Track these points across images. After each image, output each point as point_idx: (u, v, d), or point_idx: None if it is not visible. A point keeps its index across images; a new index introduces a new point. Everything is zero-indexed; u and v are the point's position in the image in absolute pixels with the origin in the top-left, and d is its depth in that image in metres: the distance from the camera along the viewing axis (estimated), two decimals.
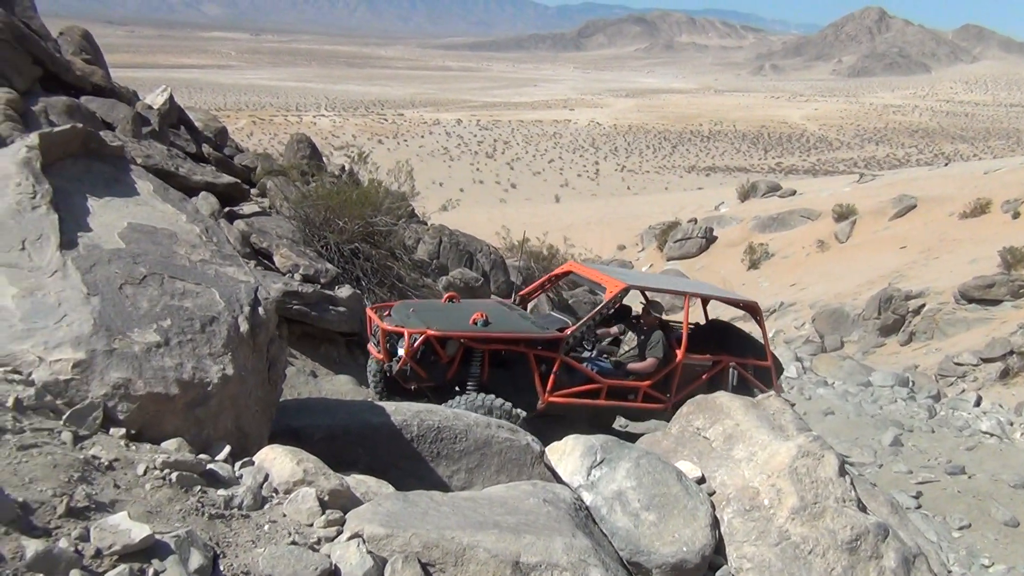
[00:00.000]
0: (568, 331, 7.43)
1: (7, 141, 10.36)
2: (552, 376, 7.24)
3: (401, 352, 6.95)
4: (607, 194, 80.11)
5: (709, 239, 37.23)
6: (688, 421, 4.99)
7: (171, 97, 15.37)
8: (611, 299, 7.65)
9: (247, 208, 12.00)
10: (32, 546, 2.24)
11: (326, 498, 3.11)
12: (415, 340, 6.91)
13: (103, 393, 3.09)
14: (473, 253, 15.69)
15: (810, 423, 9.30)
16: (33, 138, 3.84)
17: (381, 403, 5.06)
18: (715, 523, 4.17)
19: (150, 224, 3.93)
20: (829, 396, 13.86)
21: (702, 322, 9.85)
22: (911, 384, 15.59)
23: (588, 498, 4.15)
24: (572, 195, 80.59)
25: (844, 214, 34.84)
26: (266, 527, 2.90)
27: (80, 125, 4.21)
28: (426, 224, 16.96)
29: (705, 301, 9.43)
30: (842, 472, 4.42)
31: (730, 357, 8.30)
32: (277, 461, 3.26)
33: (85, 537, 2.42)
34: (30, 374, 3.09)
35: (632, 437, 5.93)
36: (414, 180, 14.78)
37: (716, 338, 8.99)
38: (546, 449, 4.66)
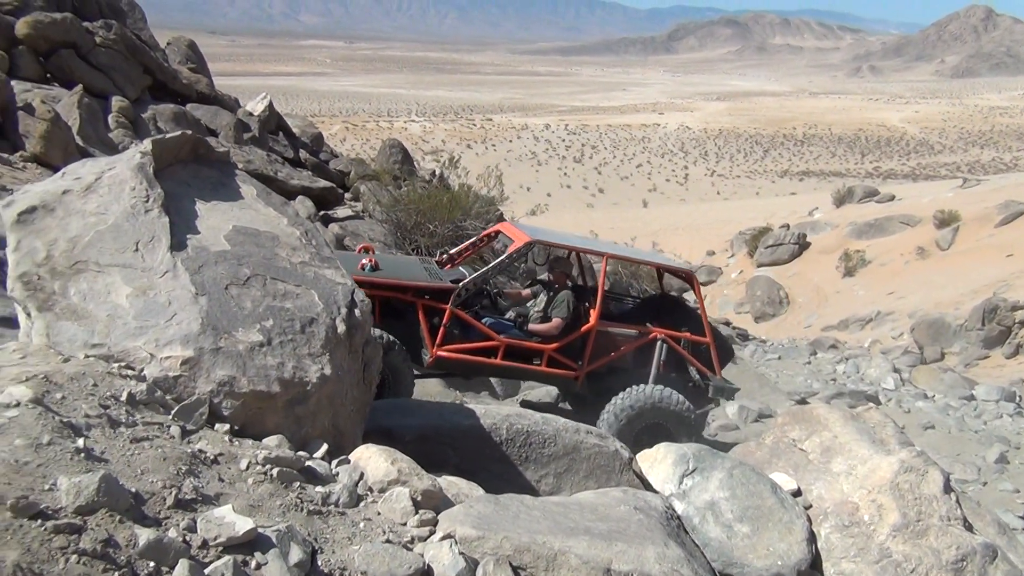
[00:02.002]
0: (463, 282, 6.99)
1: (119, 146, 10.90)
2: (442, 329, 6.83)
3: None
4: (696, 199, 79.00)
5: (802, 245, 36.27)
6: (783, 432, 4.86)
7: (270, 104, 15.88)
8: (511, 252, 7.17)
9: (341, 212, 12.30)
10: (144, 535, 2.34)
11: (419, 498, 3.15)
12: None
13: (209, 390, 3.21)
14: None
15: (909, 437, 8.96)
16: (147, 144, 4.01)
17: (471, 406, 5.11)
18: (812, 538, 4.06)
19: (253, 227, 4.06)
20: (929, 409, 13.32)
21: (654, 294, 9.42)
22: (1018, 399, 14.84)
23: (680, 507, 4.09)
24: (660, 200, 79.74)
25: (946, 220, 33.44)
26: (361, 525, 2.96)
27: (190, 132, 4.39)
28: None
29: (648, 267, 8.90)
30: (947, 489, 4.24)
31: (661, 330, 7.52)
32: (372, 460, 3.32)
33: (192, 528, 2.52)
34: (142, 370, 3.24)
35: (724, 447, 5.82)
36: (503, 185, 14.89)
37: (654, 310, 8.26)
38: (636, 456, 4.62)
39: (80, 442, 2.64)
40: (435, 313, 6.91)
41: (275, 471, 2.98)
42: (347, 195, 14.43)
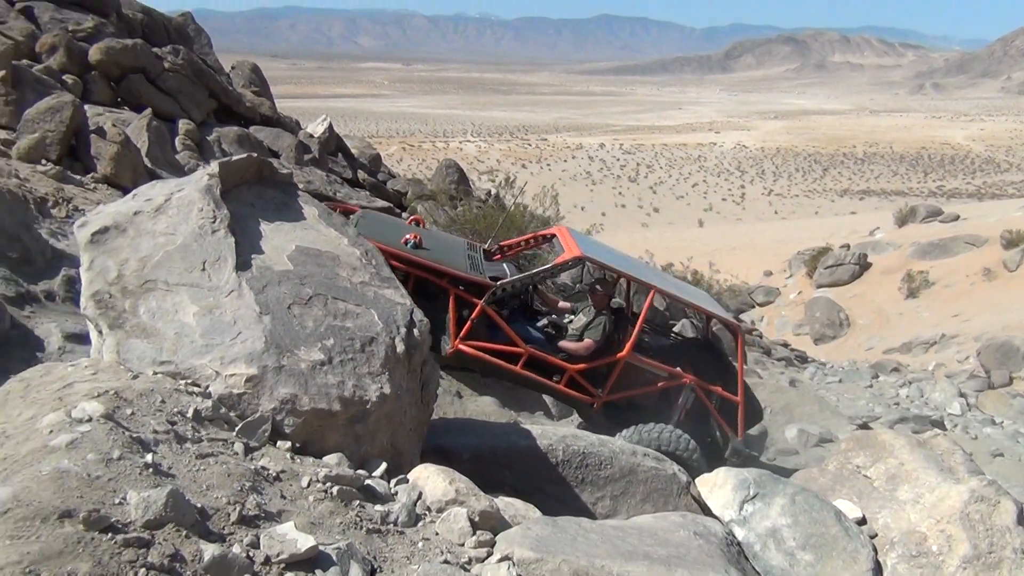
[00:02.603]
0: (500, 281, 6.81)
1: (185, 168, 11.20)
2: (469, 323, 6.65)
3: None
4: (753, 219, 78.01)
5: (863, 266, 35.50)
6: (847, 458, 4.75)
7: (330, 126, 16.17)
8: (556, 264, 7.00)
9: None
10: (209, 550, 2.39)
11: (477, 519, 3.16)
12: None
13: (272, 407, 3.26)
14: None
15: (978, 465, 8.67)
16: (214, 167, 4.12)
17: (526, 426, 5.10)
18: (878, 567, 3.95)
19: (315, 247, 4.13)
20: (997, 436, 12.89)
21: (697, 336, 9.08)
22: None
23: (740, 533, 4.02)
24: (716, 219, 78.94)
25: (1014, 241, 32.43)
26: (420, 544, 2.97)
27: (255, 154, 4.49)
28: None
29: (697, 310, 8.22)
30: (1021, 520, 4.10)
31: (694, 378, 7.20)
32: (430, 480, 3.34)
33: (255, 544, 2.55)
34: (207, 387, 3.31)
35: (783, 472, 5.71)
36: (558, 204, 14.92)
37: (693, 354, 7.91)
38: (695, 480, 4.56)
39: (148, 457, 2.70)
40: (466, 305, 6.77)
41: (335, 489, 3.01)
42: (404, 215, 14.60)
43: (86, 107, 10.78)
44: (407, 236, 6.84)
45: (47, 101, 9.52)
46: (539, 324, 7.51)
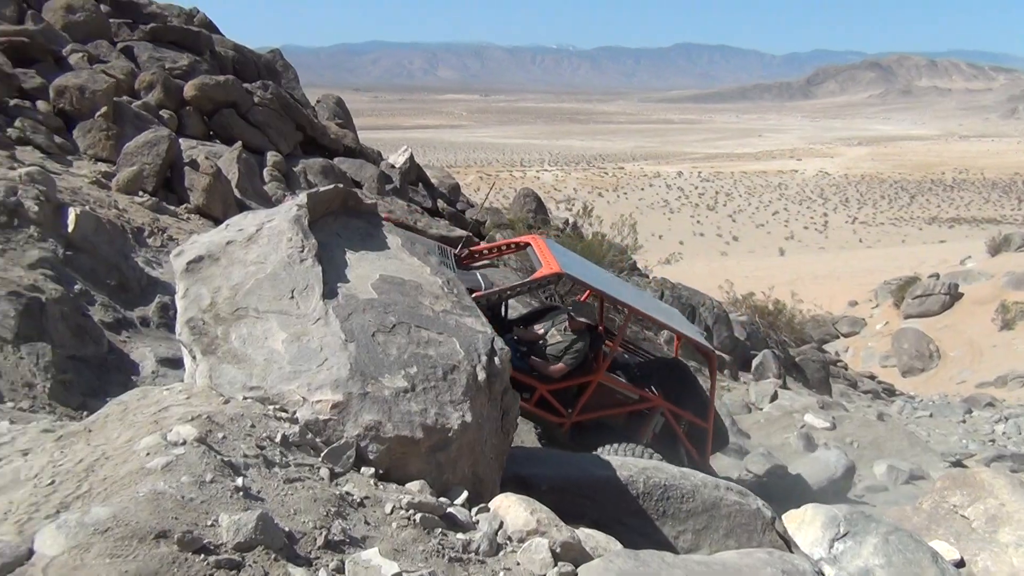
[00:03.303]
0: (475, 294, 6.34)
1: (272, 199, 11.56)
2: None
3: None
4: (836, 247, 76.06)
5: (953, 296, 34.18)
6: (942, 496, 4.56)
7: (411, 156, 16.46)
8: (532, 279, 6.66)
9: (479, 262, 12.51)
10: (297, 574, 2.43)
11: (558, 550, 3.13)
12: None
13: (356, 434, 3.31)
14: (696, 307, 15.41)
15: None
16: (302, 198, 4.24)
17: (607, 457, 5.05)
18: None
19: (399, 276, 4.20)
20: None
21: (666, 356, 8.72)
22: None
23: (829, 572, 3.89)
24: (798, 248, 77.26)
25: None
26: (501, 574, 2.96)
27: (341, 185, 4.61)
28: (648, 277, 16.90)
29: (671, 332, 7.92)
30: None
31: (664, 403, 6.98)
32: (511, 509, 3.33)
33: (341, 569, 2.59)
34: (295, 413, 3.38)
35: (872, 509, 5.50)
36: (636, 233, 14.84)
37: (662, 377, 7.59)
38: (781, 516, 4.43)
39: (239, 481, 2.77)
40: None
41: (418, 516, 3.03)
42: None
43: (180, 140, 11.25)
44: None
45: (145, 135, 9.97)
46: (508, 336, 7.17)
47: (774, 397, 12.81)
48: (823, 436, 11.19)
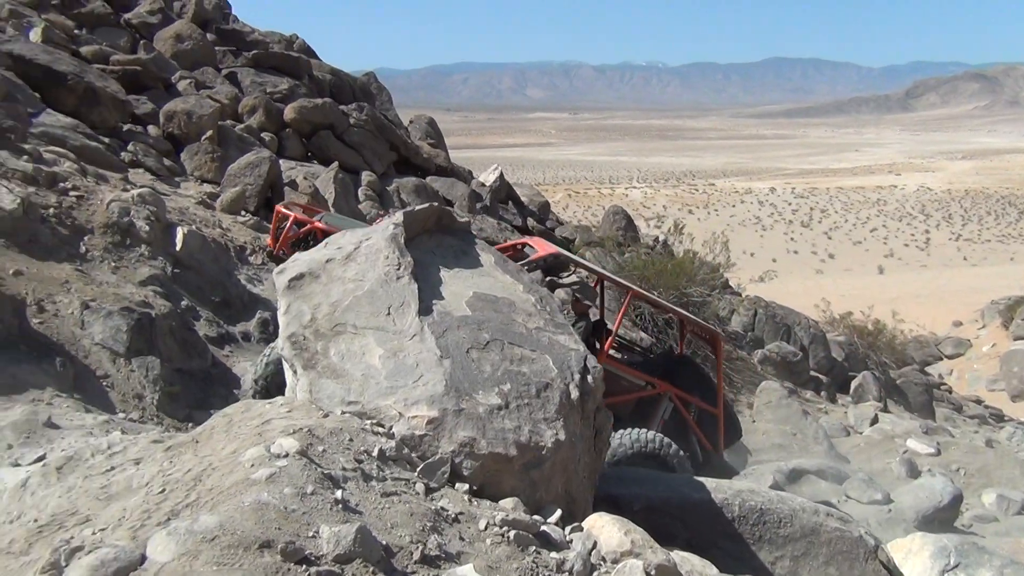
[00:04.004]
0: None
1: (367, 217, 11.83)
2: None
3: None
4: (939, 265, 73.00)
5: None
6: None
7: (501, 175, 16.61)
8: (528, 261, 6.78)
9: (567, 278, 12.52)
10: None
11: (652, 572, 3.08)
12: (297, 228, 6.60)
13: (451, 450, 3.35)
14: (791, 326, 15.03)
15: None
16: (398, 216, 4.33)
17: (700, 479, 4.96)
18: None
19: (492, 293, 4.24)
20: None
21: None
22: None
23: None
24: (898, 266, 74.47)
25: None
26: None
27: (436, 204, 4.69)
28: (740, 295, 16.58)
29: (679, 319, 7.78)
30: None
31: (668, 386, 6.88)
32: (605, 529, 3.29)
33: None
34: (391, 427, 3.44)
35: (983, 540, 5.23)
36: (729, 251, 14.60)
37: (671, 367, 7.49)
38: (886, 545, 4.26)
39: (338, 493, 2.83)
40: None
41: (512, 533, 3.03)
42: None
43: (280, 161, 11.64)
44: (377, 223, 6.87)
45: (247, 157, 10.36)
46: None
47: (874, 421, 12.35)
48: (927, 462, 10.71)
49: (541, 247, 7.25)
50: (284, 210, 7.05)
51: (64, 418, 5.27)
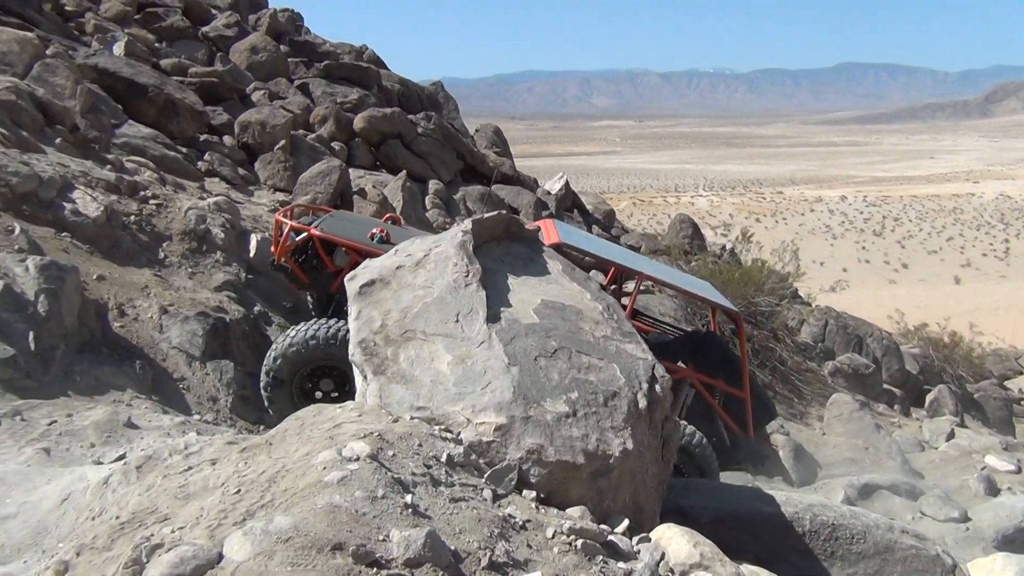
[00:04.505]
0: None
1: (433, 225, 11.96)
2: None
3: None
4: (1019, 276, 70.41)
5: None
6: None
7: (566, 183, 16.62)
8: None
9: (631, 286, 12.43)
10: None
11: None
12: (294, 237, 6.38)
13: (519, 457, 3.36)
14: (863, 337, 14.67)
15: None
16: (467, 224, 4.37)
17: (770, 492, 4.88)
18: None
19: (559, 301, 4.24)
20: None
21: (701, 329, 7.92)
22: None
23: None
24: (976, 276, 72.07)
25: None
26: None
27: (504, 212, 4.72)
28: (810, 305, 16.26)
29: (702, 302, 7.57)
30: None
31: (690, 371, 6.56)
32: (674, 540, 3.26)
33: None
34: (459, 433, 3.46)
35: None
36: (799, 260, 14.34)
37: (690, 350, 7.14)
38: (965, 565, 4.13)
39: (408, 498, 2.86)
40: None
41: (579, 542, 3.02)
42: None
43: (349, 170, 11.85)
44: (373, 231, 6.73)
45: (318, 166, 10.57)
46: None
47: (950, 436, 11.96)
48: (1007, 480, 10.32)
49: (547, 234, 6.99)
50: (282, 218, 6.86)
51: (143, 419, 5.44)
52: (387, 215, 7.90)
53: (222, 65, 14.74)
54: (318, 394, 6.14)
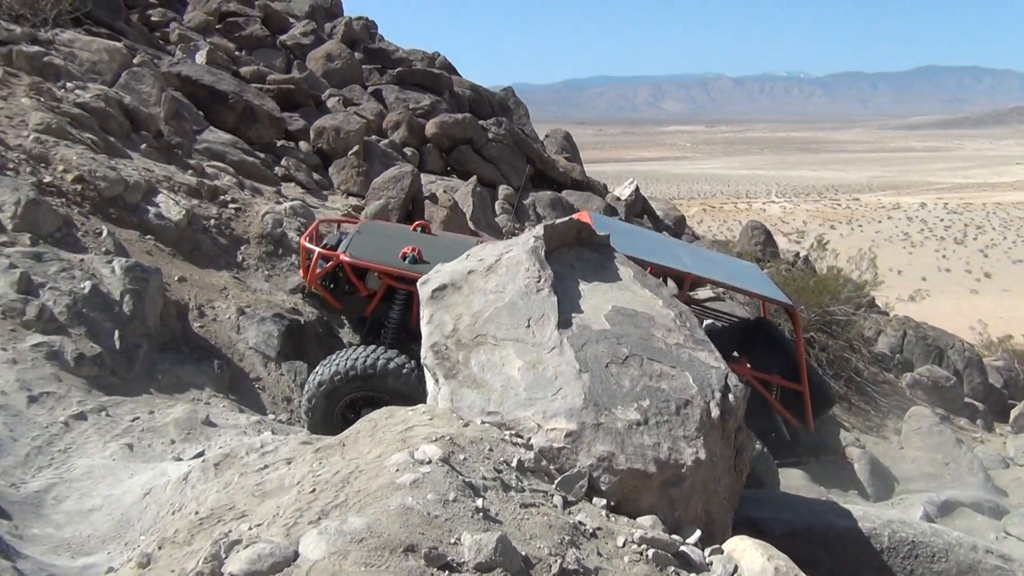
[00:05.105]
0: None
1: (503, 230, 12.01)
2: None
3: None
4: None
5: None
6: None
7: (636, 189, 16.51)
8: None
9: (703, 293, 12.29)
10: None
11: None
12: (323, 263, 6.18)
13: (589, 464, 3.34)
14: (943, 349, 14.19)
15: None
16: (539, 230, 4.37)
17: (847, 506, 4.75)
18: None
19: (631, 308, 4.21)
20: None
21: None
22: None
23: None
24: None
25: None
26: None
27: (575, 218, 4.70)
28: (888, 315, 15.81)
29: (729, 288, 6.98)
30: None
31: (745, 368, 6.19)
32: (747, 553, 3.20)
33: None
34: (529, 439, 3.46)
35: None
36: (876, 268, 13.98)
37: (747, 337, 6.83)
38: None
39: (479, 502, 2.87)
40: None
41: (650, 552, 2.99)
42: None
43: (421, 175, 11.98)
44: (405, 250, 6.43)
45: (391, 171, 10.72)
46: None
47: None
48: None
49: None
50: (307, 244, 6.59)
51: (220, 417, 5.59)
52: (416, 222, 7.64)
53: (299, 72, 15.08)
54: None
